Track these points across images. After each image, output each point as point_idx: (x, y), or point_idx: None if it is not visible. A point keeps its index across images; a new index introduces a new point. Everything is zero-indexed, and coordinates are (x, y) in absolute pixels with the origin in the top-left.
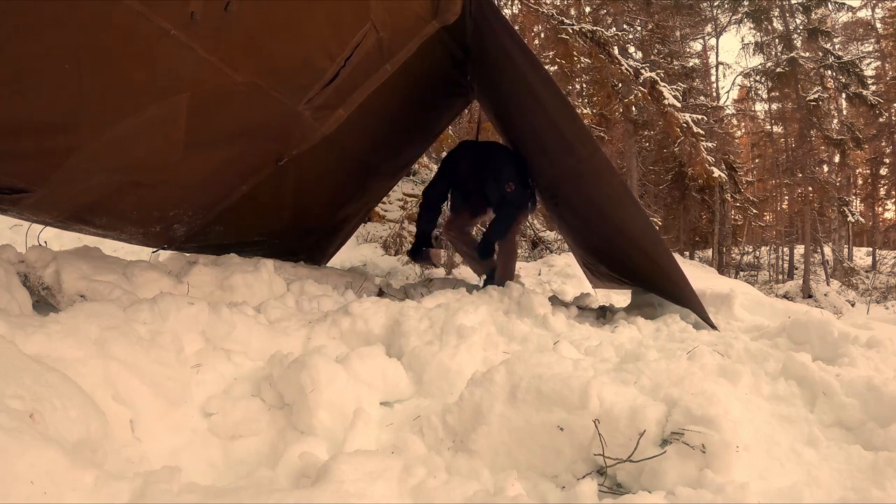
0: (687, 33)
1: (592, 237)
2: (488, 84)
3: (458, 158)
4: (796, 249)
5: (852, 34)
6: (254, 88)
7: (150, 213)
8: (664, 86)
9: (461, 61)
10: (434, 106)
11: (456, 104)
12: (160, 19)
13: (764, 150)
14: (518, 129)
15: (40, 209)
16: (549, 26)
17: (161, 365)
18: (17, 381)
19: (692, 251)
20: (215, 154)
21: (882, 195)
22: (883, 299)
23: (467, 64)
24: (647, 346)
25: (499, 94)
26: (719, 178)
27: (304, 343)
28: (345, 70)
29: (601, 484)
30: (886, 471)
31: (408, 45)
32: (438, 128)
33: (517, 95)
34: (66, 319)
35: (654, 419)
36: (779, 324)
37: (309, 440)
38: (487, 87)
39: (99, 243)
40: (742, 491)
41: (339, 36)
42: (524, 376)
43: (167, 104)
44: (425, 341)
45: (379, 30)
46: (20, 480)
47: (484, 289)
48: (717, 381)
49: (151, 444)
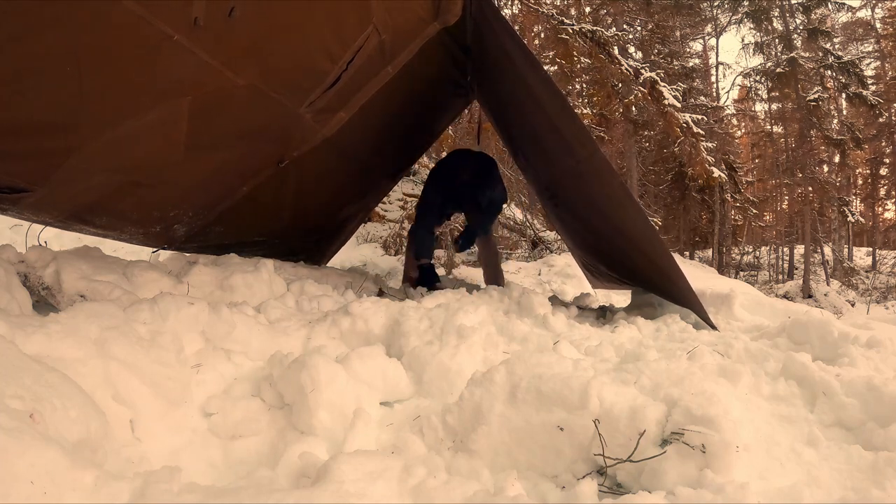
0: (687, 33)
1: (592, 237)
2: (488, 84)
3: (455, 167)
4: (796, 249)
5: (852, 34)
6: (255, 91)
7: (151, 214)
8: (664, 86)
9: (461, 62)
10: (434, 106)
11: (456, 105)
12: (162, 24)
13: (764, 150)
14: (518, 130)
15: (40, 209)
16: (549, 26)
17: (161, 365)
18: (17, 381)
19: (692, 251)
20: (216, 156)
21: (882, 195)
22: (883, 299)
23: (467, 64)
24: (647, 346)
25: (499, 95)
26: (719, 178)
27: (304, 343)
28: (347, 73)
29: (601, 484)
30: (886, 471)
31: (409, 46)
32: (439, 128)
33: (517, 96)
34: (66, 319)
35: (654, 419)
36: (779, 324)
37: (309, 440)
38: (487, 87)
39: (99, 243)
40: (742, 491)
41: (342, 39)
42: (524, 376)
43: (168, 106)
44: (425, 341)
45: (381, 32)
46: (20, 480)
47: (484, 289)
48: (717, 381)
49: (151, 444)
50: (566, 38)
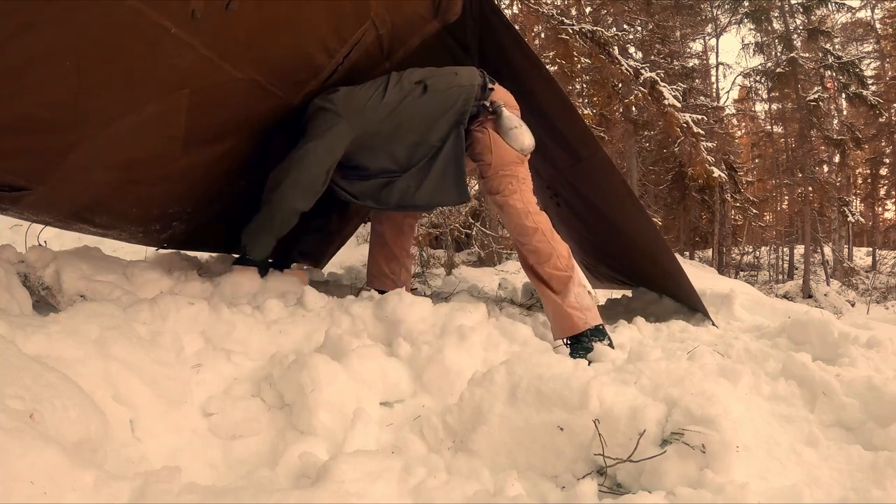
0: (687, 33)
1: (593, 237)
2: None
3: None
4: (796, 249)
5: (852, 34)
6: (253, 84)
7: (150, 211)
8: (664, 86)
9: (461, 60)
10: None
11: None
12: (160, 17)
13: (764, 150)
14: None
15: (40, 208)
16: (550, 26)
17: (161, 365)
18: (17, 381)
19: (692, 251)
20: (214, 150)
21: (882, 195)
22: (883, 299)
23: (467, 63)
24: (647, 346)
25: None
26: (719, 178)
27: (304, 343)
28: (343, 67)
29: (601, 484)
30: (886, 471)
31: (408, 43)
32: None
33: (517, 95)
34: (66, 319)
35: (654, 419)
36: (779, 324)
37: (309, 440)
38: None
39: (99, 243)
40: (742, 491)
41: (339, 33)
42: (524, 376)
43: (167, 101)
44: (425, 341)
45: (378, 28)
46: (20, 480)
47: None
48: (717, 381)
49: (151, 444)
50: (566, 38)
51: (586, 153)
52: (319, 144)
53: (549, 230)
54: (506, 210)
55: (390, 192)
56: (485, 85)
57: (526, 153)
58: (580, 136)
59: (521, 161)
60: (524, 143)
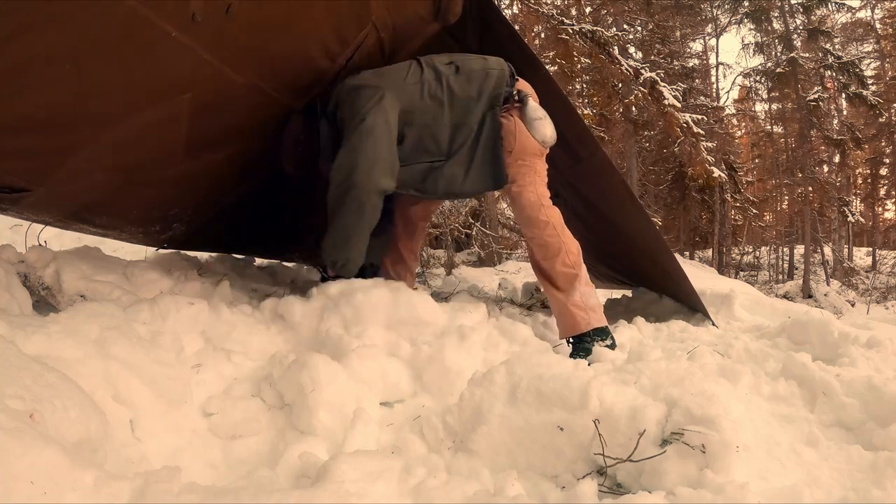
0: (687, 33)
1: (593, 237)
2: None
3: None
4: (796, 249)
5: (852, 34)
6: (254, 89)
7: (151, 212)
8: (664, 86)
9: None
10: None
11: None
12: (160, 18)
13: (764, 150)
14: None
15: (40, 209)
16: (550, 26)
17: (161, 365)
18: (17, 381)
19: (692, 251)
20: (216, 153)
21: (882, 195)
22: (883, 299)
23: None
24: (647, 346)
25: None
26: (719, 178)
27: (303, 343)
28: (345, 71)
29: (601, 484)
30: (886, 471)
31: (409, 45)
32: None
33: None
34: (66, 319)
35: (654, 419)
36: (779, 324)
37: (309, 440)
38: None
39: (99, 243)
40: (742, 491)
41: (341, 37)
42: (524, 376)
43: (168, 105)
44: (425, 341)
45: (380, 30)
46: (20, 480)
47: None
48: (717, 381)
49: (151, 444)
50: (566, 38)
51: (586, 153)
52: (377, 118)
53: (561, 225)
54: (519, 201)
55: (436, 179)
56: (512, 72)
57: (547, 145)
58: (580, 137)
59: (540, 154)
60: (546, 135)
